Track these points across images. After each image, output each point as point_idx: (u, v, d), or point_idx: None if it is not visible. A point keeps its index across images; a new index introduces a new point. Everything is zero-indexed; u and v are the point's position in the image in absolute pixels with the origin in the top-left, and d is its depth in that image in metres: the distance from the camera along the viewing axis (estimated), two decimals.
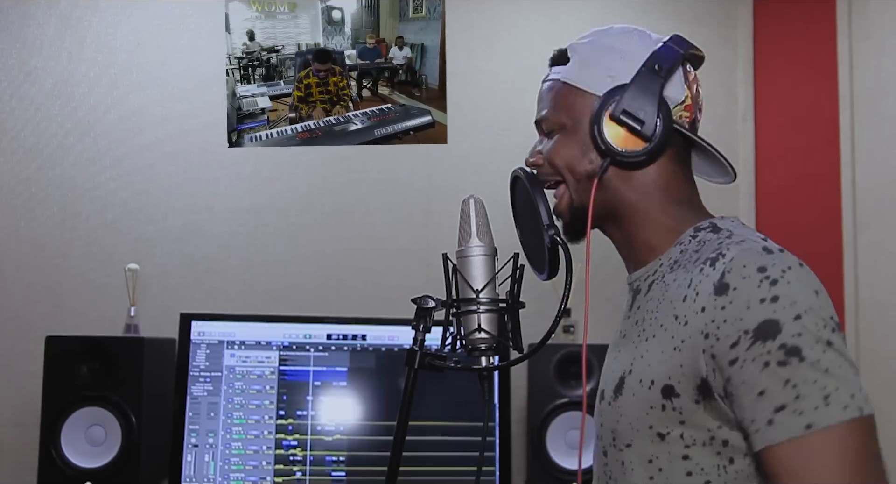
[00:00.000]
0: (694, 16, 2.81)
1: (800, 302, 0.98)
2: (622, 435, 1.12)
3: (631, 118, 1.13)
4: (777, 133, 2.78)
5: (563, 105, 1.23)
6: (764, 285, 0.99)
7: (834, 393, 0.95)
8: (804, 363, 0.96)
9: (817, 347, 0.96)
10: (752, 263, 1.01)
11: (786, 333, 0.96)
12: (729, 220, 1.17)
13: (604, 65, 1.20)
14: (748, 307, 0.98)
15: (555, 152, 1.22)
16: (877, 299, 2.48)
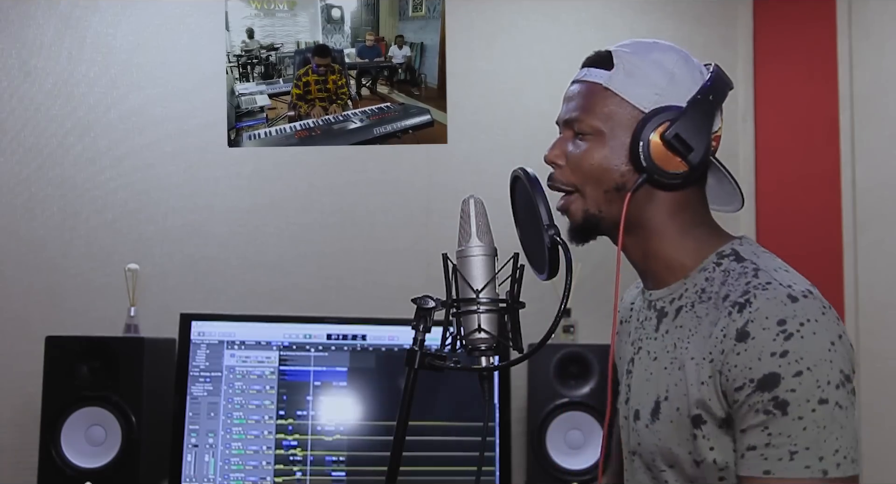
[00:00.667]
0: (694, 16, 2.81)
1: (807, 358, 1.03)
2: (663, 457, 1.18)
3: (682, 143, 1.14)
4: (777, 133, 2.78)
5: (603, 111, 1.20)
6: (779, 339, 1.04)
7: (802, 452, 1.02)
8: (786, 417, 1.03)
9: (807, 405, 1.02)
10: (775, 315, 1.06)
11: (782, 387, 1.03)
12: (748, 243, 1.20)
13: (652, 81, 1.19)
14: (759, 358, 1.05)
15: (585, 157, 1.20)
16: (877, 299, 2.48)
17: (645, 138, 1.15)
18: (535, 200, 1.18)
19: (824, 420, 1.02)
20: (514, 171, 1.25)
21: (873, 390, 2.46)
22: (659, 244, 1.21)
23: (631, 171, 1.18)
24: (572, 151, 1.22)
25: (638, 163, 1.16)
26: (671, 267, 1.21)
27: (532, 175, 1.22)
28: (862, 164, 2.56)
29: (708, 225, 1.24)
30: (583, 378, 2.34)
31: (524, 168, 1.23)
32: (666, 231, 1.21)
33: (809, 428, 1.02)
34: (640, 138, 1.16)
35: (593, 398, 2.30)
